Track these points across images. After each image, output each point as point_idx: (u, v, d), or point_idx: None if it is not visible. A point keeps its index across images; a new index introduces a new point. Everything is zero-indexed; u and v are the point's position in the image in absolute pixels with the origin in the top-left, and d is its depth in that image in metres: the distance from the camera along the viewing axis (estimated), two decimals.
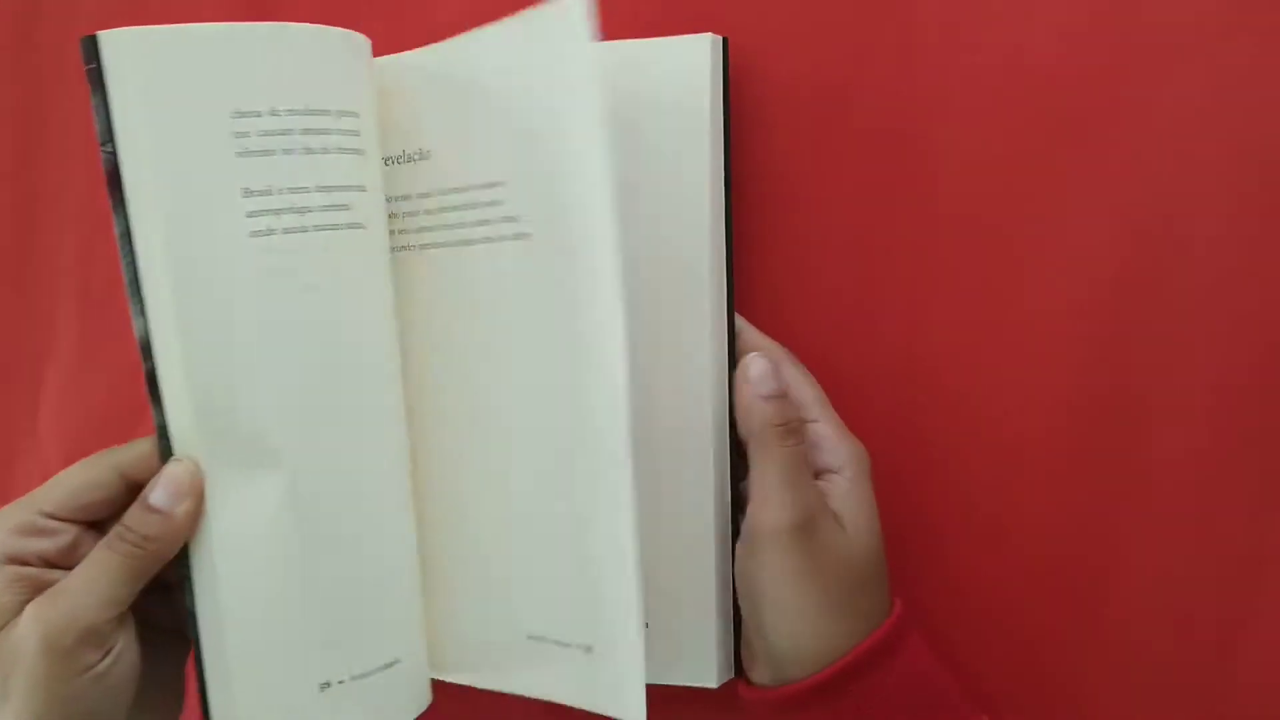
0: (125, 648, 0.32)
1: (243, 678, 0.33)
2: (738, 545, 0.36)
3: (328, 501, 0.34)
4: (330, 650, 0.34)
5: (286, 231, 0.33)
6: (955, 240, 0.39)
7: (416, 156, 0.37)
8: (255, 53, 0.33)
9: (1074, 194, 0.38)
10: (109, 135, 0.32)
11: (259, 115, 0.33)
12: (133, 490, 0.32)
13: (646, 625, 0.35)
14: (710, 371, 0.37)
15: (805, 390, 0.37)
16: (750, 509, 0.35)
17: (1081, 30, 0.37)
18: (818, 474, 0.36)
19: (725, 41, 0.38)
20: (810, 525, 0.34)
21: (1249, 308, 0.36)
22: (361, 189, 0.35)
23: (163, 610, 0.34)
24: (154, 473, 0.32)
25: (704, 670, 0.38)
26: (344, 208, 0.34)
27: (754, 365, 0.36)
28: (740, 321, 0.38)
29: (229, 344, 0.33)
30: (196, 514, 0.32)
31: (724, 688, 0.38)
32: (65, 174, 0.40)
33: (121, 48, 0.32)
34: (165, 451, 0.32)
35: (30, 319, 0.41)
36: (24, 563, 0.31)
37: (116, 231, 0.32)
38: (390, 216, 0.37)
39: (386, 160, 0.37)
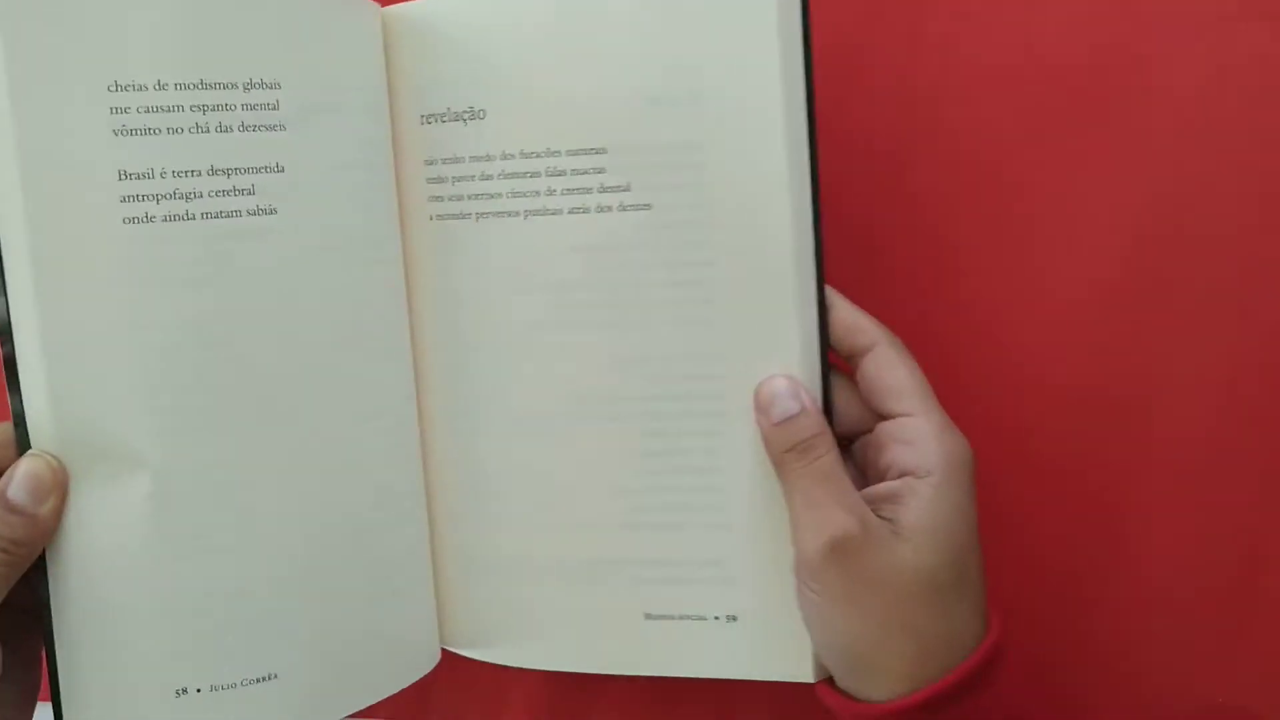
0: None
1: (94, 675, 0.32)
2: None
3: (197, 508, 0.32)
4: (187, 658, 0.32)
5: (167, 219, 0.31)
6: (974, 226, 0.39)
7: (467, 116, 0.35)
8: (138, 16, 0.30)
9: (1088, 179, 0.38)
10: None
11: (143, 89, 0.30)
12: None
13: (735, 619, 0.35)
14: (791, 368, 0.34)
15: (902, 379, 0.33)
16: (792, 540, 0.33)
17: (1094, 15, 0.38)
18: (900, 475, 0.32)
19: None
20: (841, 550, 0.31)
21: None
22: (278, 170, 0.32)
23: (22, 590, 0.32)
24: (6, 463, 0.30)
25: (800, 665, 0.35)
26: (246, 192, 0.32)
27: (763, 390, 0.33)
28: (832, 295, 0.34)
29: (92, 336, 0.30)
30: (60, 510, 0.31)
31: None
32: None
33: None
34: (23, 441, 0.31)
35: None
36: None
37: None
38: (429, 182, 0.35)
39: (425, 118, 0.35)
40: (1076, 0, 0.37)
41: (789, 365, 0.34)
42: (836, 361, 0.35)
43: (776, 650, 0.36)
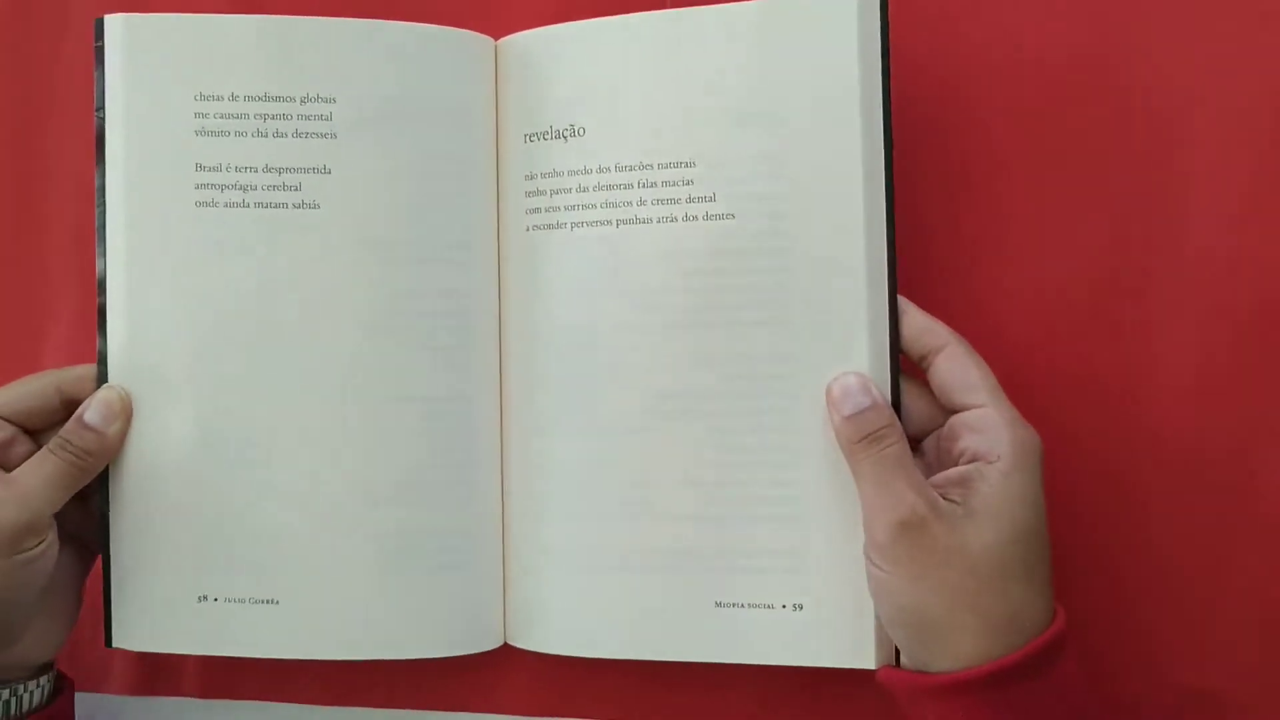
0: (51, 542, 0.36)
1: (135, 576, 0.39)
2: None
3: (229, 447, 0.38)
4: (209, 569, 0.39)
5: (228, 205, 0.38)
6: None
7: (567, 134, 0.39)
8: (221, 42, 0.37)
9: (1075, 173, 0.40)
10: (101, 103, 0.38)
11: (220, 99, 0.37)
12: (67, 406, 0.38)
13: (800, 607, 0.37)
14: (861, 369, 0.37)
15: (973, 375, 0.35)
16: (863, 523, 0.35)
17: None
18: (972, 460, 0.35)
19: (885, 1, 0.37)
20: (910, 528, 0.33)
21: None
22: (325, 171, 0.38)
23: (77, 517, 0.39)
24: (87, 393, 0.38)
25: (863, 652, 0.37)
26: (294, 189, 0.38)
27: (835, 386, 0.36)
28: (903, 303, 0.37)
29: (161, 292, 0.38)
30: (124, 434, 0.38)
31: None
32: (67, 153, 0.44)
33: (114, 30, 0.37)
34: (102, 376, 0.38)
35: (29, 295, 0.45)
36: None
37: (96, 184, 0.38)
38: (528, 195, 0.40)
39: (528, 137, 0.40)
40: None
41: (860, 365, 0.36)
42: (905, 366, 0.37)
43: (840, 638, 0.37)
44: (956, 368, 0.36)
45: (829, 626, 0.37)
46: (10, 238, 0.44)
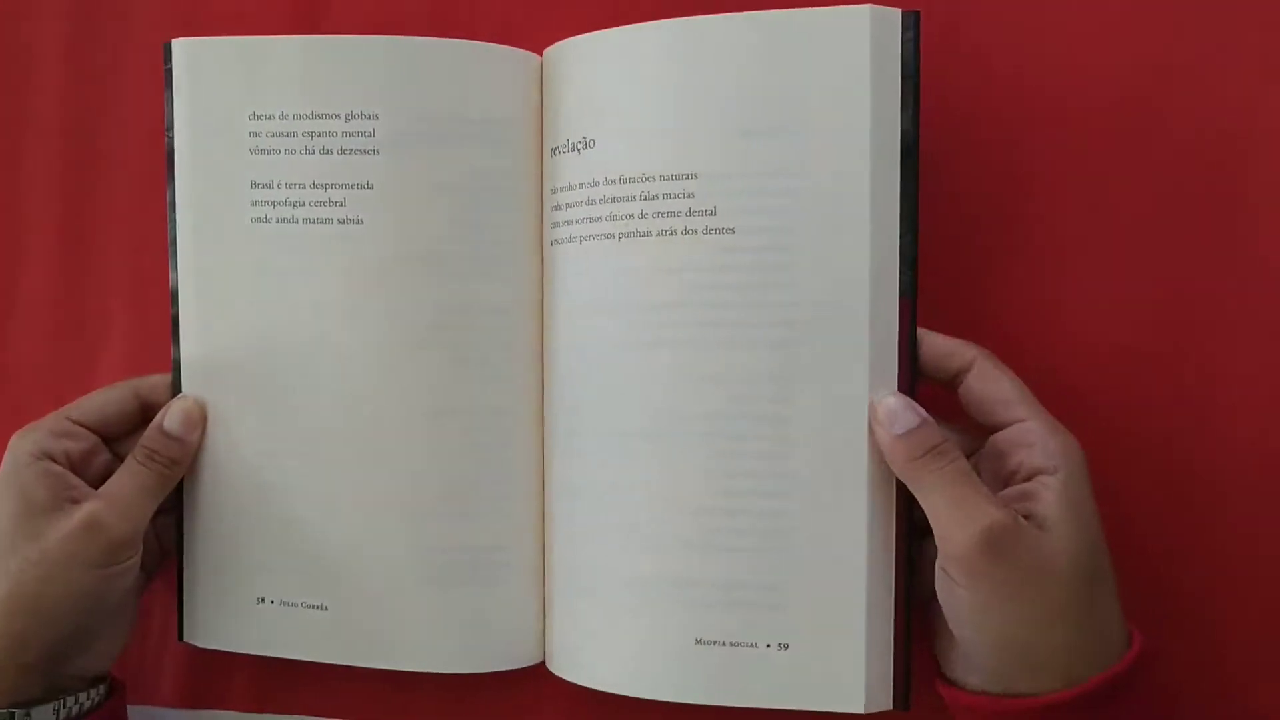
0: (137, 555, 0.38)
1: (203, 576, 0.41)
2: (935, 574, 0.35)
3: (287, 457, 0.40)
4: (266, 572, 0.40)
5: (280, 221, 0.39)
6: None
7: (581, 146, 0.38)
8: (270, 62, 0.38)
9: (1121, 196, 0.39)
10: (171, 124, 0.40)
11: (271, 118, 0.38)
12: (144, 413, 0.40)
13: (787, 647, 0.36)
14: (861, 396, 0.35)
15: (1009, 388, 0.35)
16: (935, 536, 0.34)
17: None
18: (1030, 475, 0.34)
19: (916, 17, 0.36)
20: (995, 540, 0.32)
21: None
22: (368, 187, 0.38)
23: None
24: (164, 400, 0.40)
25: (852, 695, 0.36)
26: (339, 204, 0.39)
27: (881, 407, 0.35)
28: (920, 331, 0.36)
29: (226, 304, 0.40)
30: (200, 441, 0.40)
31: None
32: (122, 170, 0.45)
33: (180, 53, 0.39)
34: (176, 383, 0.40)
35: (84, 308, 0.46)
36: (52, 459, 0.37)
37: (167, 200, 0.40)
38: (552, 209, 0.39)
39: (553, 150, 0.39)
40: (1113, 20, 0.38)
41: (859, 391, 0.35)
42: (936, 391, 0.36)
43: (828, 680, 0.36)
44: (990, 384, 0.35)
45: (815, 668, 0.36)
46: (69, 251, 0.46)
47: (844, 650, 0.35)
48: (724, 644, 0.36)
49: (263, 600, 0.40)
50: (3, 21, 0.46)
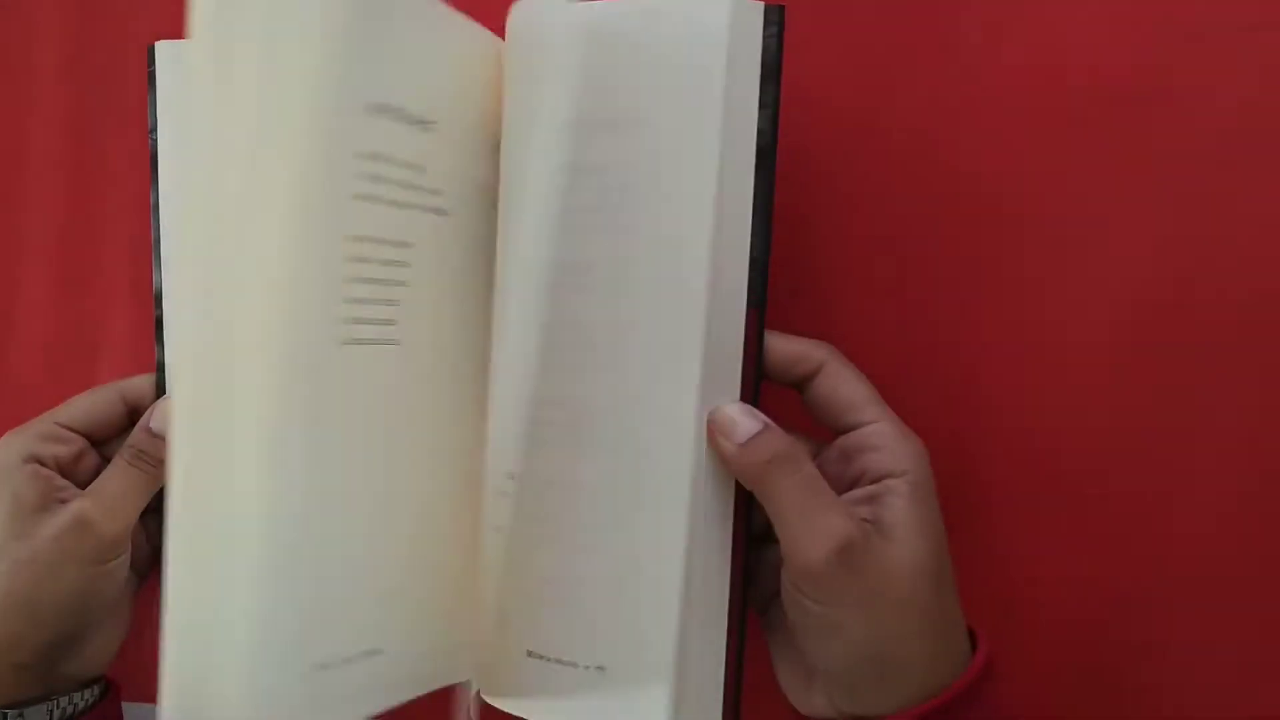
0: (128, 553, 0.38)
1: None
2: (783, 588, 0.34)
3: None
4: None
5: None
6: (997, 244, 0.39)
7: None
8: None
9: (1117, 196, 0.38)
10: (154, 125, 0.40)
11: None
12: (131, 415, 0.40)
13: (603, 669, 0.35)
14: (691, 401, 0.33)
15: (857, 389, 0.34)
16: (782, 548, 0.33)
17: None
18: (878, 478, 0.33)
19: (780, 10, 0.33)
20: (844, 550, 0.31)
21: None
22: None
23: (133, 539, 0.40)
24: (149, 401, 0.40)
25: (655, 714, 0.34)
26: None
27: (718, 416, 0.33)
28: (769, 335, 0.35)
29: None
30: None
31: None
32: (125, 170, 0.45)
33: (164, 56, 0.39)
34: (161, 385, 0.40)
35: (83, 309, 0.46)
36: (41, 463, 0.37)
37: (151, 201, 0.40)
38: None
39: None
40: (1105, 18, 0.38)
41: (689, 400, 0.33)
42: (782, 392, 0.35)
43: (638, 703, 0.34)
44: (839, 387, 0.34)
45: (628, 691, 0.34)
46: (71, 252, 0.46)
47: (654, 675, 0.34)
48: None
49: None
50: (1, 22, 0.46)
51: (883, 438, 0.34)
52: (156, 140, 0.40)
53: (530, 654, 0.36)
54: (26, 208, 0.46)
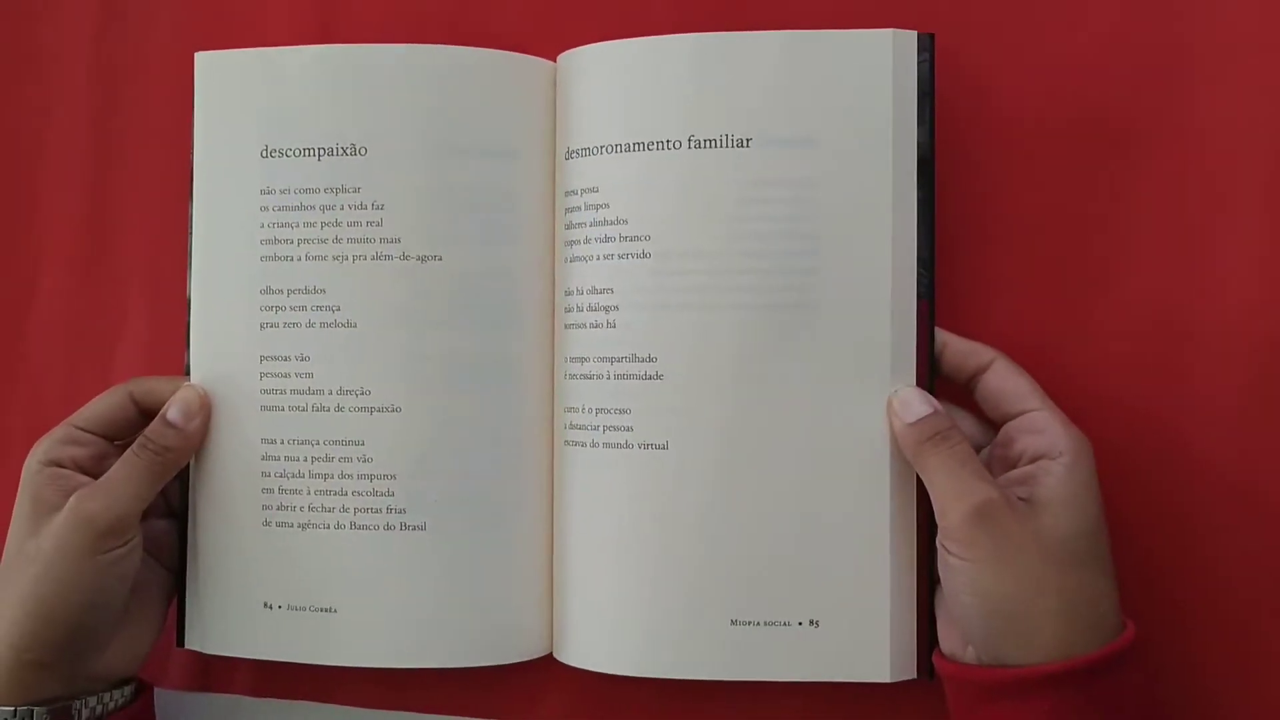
0: (136, 545, 0.38)
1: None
2: (936, 549, 0.37)
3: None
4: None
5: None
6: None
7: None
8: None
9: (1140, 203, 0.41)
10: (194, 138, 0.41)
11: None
12: (144, 413, 0.40)
13: (816, 624, 0.39)
14: (883, 389, 0.38)
15: (1023, 383, 0.38)
16: (936, 516, 0.37)
17: None
18: (1035, 459, 0.37)
19: (930, 39, 0.39)
20: (984, 513, 0.35)
21: None
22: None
23: (165, 530, 0.42)
24: (156, 397, 0.40)
25: (878, 667, 0.39)
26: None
27: (896, 398, 0.38)
28: (942, 335, 0.39)
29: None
30: (204, 429, 0.40)
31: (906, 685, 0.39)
32: (139, 172, 0.47)
33: (202, 68, 0.41)
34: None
35: (102, 307, 0.47)
36: (61, 465, 0.38)
37: (188, 212, 0.41)
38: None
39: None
40: (1106, 37, 0.41)
41: (881, 382, 0.38)
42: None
43: (856, 653, 0.39)
44: (1006, 380, 0.38)
45: (844, 642, 0.39)
46: (90, 251, 0.47)
47: (871, 625, 0.39)
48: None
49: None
50: (29, 24, 0.47)
51: (1044, 423, 0.37)
52: (194, 154, 0.41)
53: (734, 622, 0.39)
54: (50, 203, 0.47)
